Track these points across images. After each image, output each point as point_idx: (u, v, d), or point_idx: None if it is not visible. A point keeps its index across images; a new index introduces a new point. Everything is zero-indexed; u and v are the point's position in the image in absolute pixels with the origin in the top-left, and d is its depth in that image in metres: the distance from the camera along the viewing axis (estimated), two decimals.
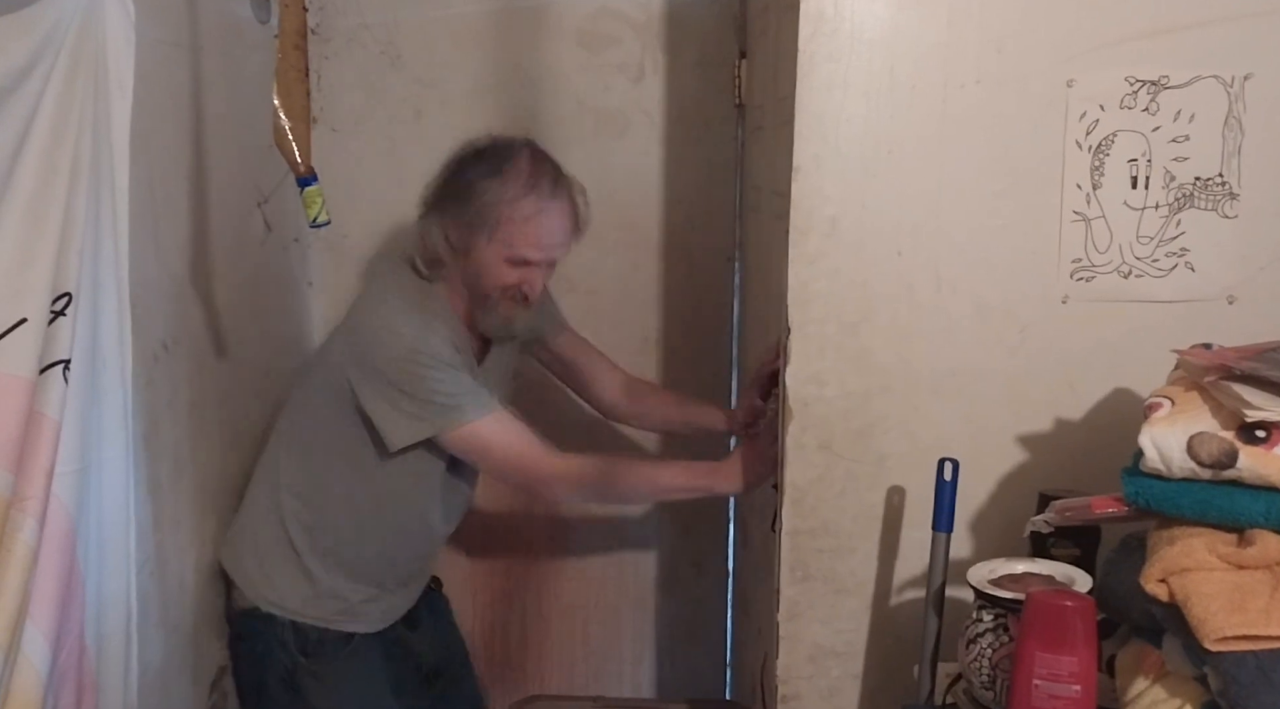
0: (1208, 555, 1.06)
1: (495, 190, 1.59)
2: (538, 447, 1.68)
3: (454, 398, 1.62)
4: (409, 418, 1.62)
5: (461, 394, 1.63)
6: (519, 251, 1.61)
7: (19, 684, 1.18)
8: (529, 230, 1.60)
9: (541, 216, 1.61)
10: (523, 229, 1.60)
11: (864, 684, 1.56)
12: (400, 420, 1.62)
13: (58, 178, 1.24)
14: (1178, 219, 1.42)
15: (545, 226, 1.62)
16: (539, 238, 1.62)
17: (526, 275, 1.64)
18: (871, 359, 1.48)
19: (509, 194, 1.59)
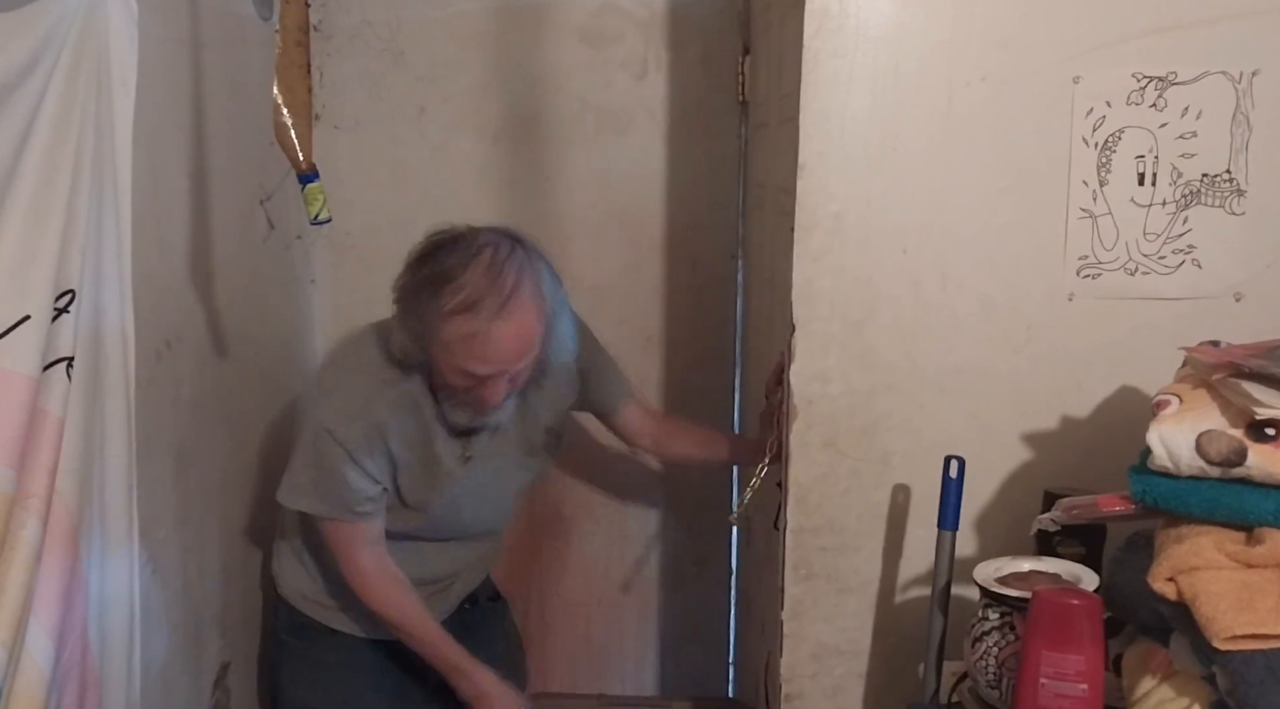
0: (1216, 554, 1.05)
1: (437, 303, 1.48)
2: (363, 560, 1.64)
3: (322, 489, 1.59)
4: (293, 480, 1.62)
5: (334, 489, 1.59)
6: (464, 366, 1.50)
7: (23, 682, 1.18)
8: (473, 348, 1.48)
9: (481, 337, 1.47)
10: (466, 346, 1.48)
11: (868, 683, 1.55)
12: (289, 479, 1.62)
13: (60, 176, 1.23)
14: (1185, 216, 1.41)
15: (489, 347, 1.48)
16: (484, 356, 1.49)
17: (481, 385, 1.53)
18: (876, 356, 1.48)
19: (448, 308, 1.47)
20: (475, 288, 1.47)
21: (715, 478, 2.29)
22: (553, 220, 2.19)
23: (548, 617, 2.31)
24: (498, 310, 1.47)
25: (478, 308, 1.46)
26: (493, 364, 1.50)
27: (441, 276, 1.48)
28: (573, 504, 2.29)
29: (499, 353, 1.49)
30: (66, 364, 1.23)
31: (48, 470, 1.20)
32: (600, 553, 2.31)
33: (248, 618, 1.88)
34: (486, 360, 1.49)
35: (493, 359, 1.50)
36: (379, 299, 2.20)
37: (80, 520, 1.29)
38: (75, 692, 1.29)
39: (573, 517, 2.29)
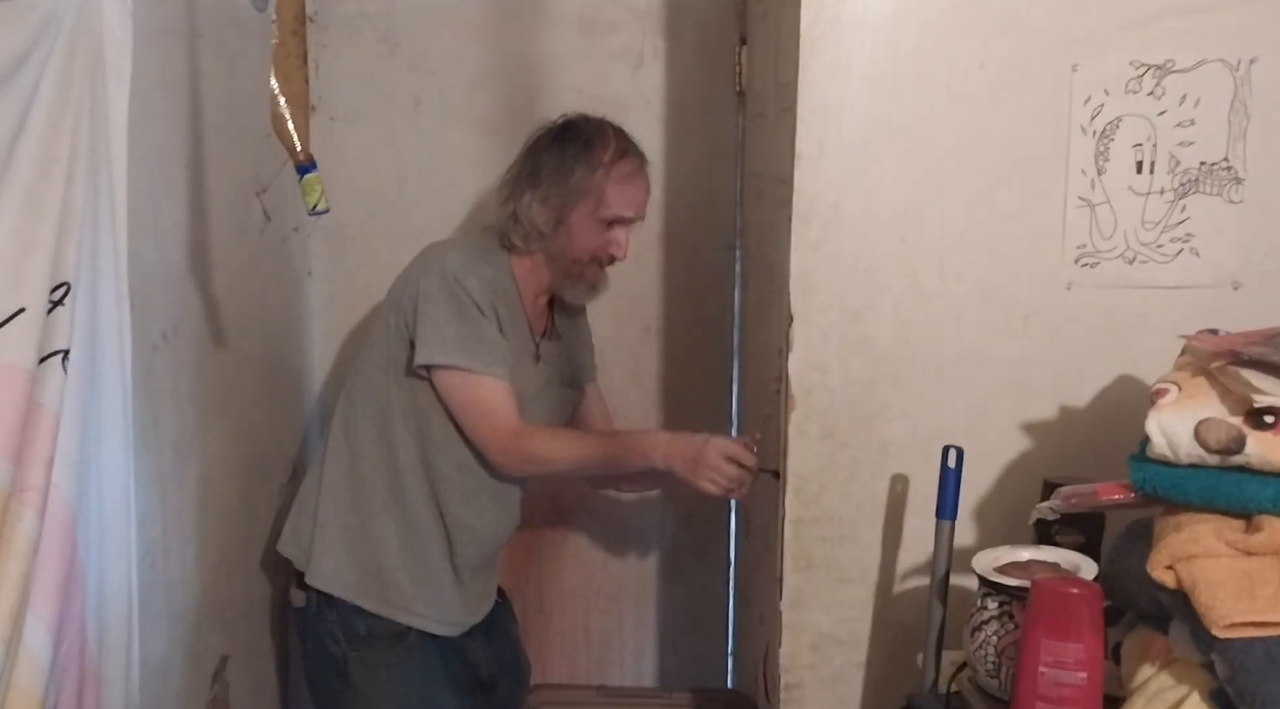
0: (1215, 542, 1.05)
1: (594, 157, 1.72)
2: (512, 419, 1.73)
3: (464, 340, 1.69)
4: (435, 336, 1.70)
5: (472, 340, 1.69)
6: (615, 211, 1.73)
7: (21, 676, 1.17)
8: (626, 190, 1.74)
9: (635, 177, 1.75)
10: (620, 188, 1.73)
11: (867, 673, 1.56)
12: (431, 336, 1.70)
13: (56, 166, 1.23)
14: (1183, 204, 1.41)
15: (638, 186, 1.76)
16: (634, 196, 1.75)
17: (615, 237, 1.76)
18: (875, 347, 1.48)
19: (607, 158, 1.73)
20: (621, 140, 1.76)
21: None
22: None
23: (546, 609, 2.31)
24: (641, 158, 1.78)
25: (630, 155, 1.75)
26: (638, 206, 1.76)
27: (591, 139, 1.74)
28: (570, 497, 2.28)
29: (642, 192, 1.77)
30: (62, 356, 1.22)
31: (45, 463, 1.19)
32: (598, 546, 2.31)
33: (247, 611, 1.88)
34: (637, 201, 1.76)
35: (640, 200, 1.76)
36: (376, 291, 2.20)
37: (78, 513, 1.29)
38: (74, 686, 1.28)
39: (570, 510, 2.29)
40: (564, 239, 1.76)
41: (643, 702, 2.10)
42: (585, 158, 1.73)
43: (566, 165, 1.73)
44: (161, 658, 1.54)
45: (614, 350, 2.24)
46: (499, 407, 1.71)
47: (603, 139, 1.75)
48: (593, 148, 1.74)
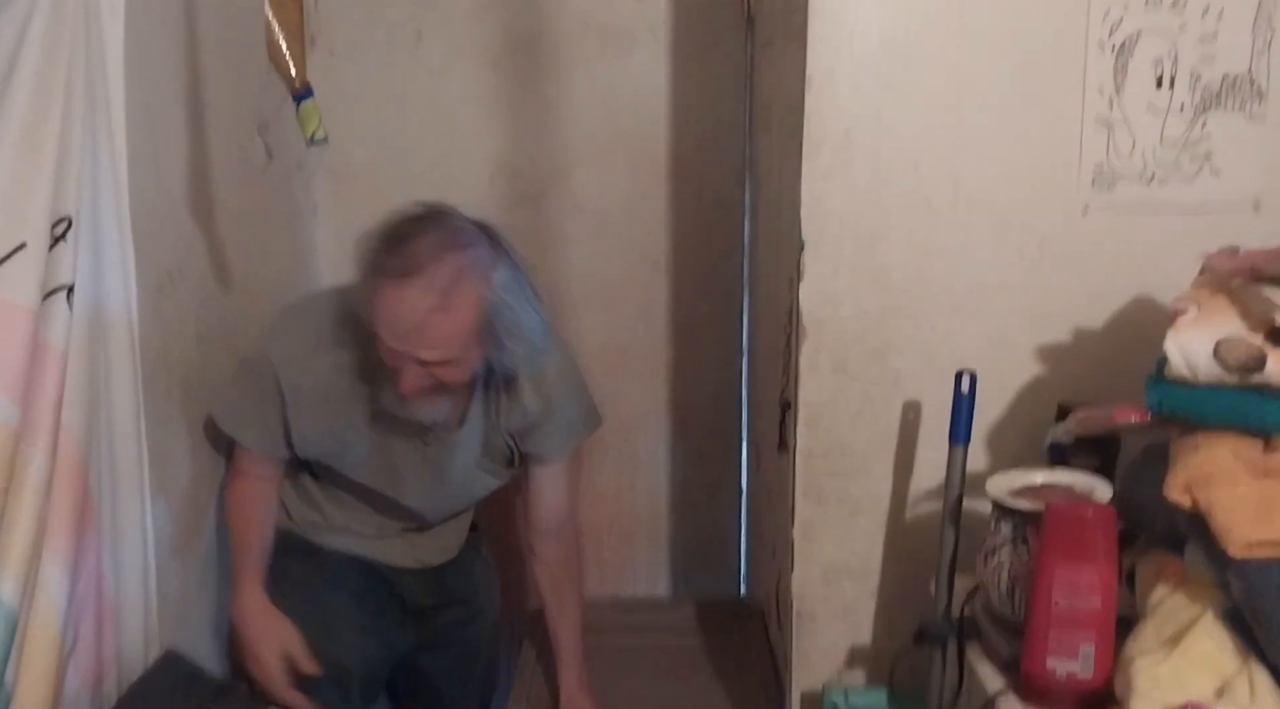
0: (1233, 462, 1.04)
1: (379, 263, 1.42)
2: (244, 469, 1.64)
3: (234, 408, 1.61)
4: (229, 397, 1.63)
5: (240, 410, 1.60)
6: (379, 329, 1.42)
7: (38, 616, 1.18)
8: (389, 315, 1.40)
9: (404, 308, 1.39)
10: (385, 310, 1.40)
11: (879, 601, 1.56)
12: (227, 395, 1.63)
13: (52, 101, 1.21)
14: (1203, 121, 1.38)
15: (402, 320, 1.39)
16: (395, 327, 1.40)
17: (394, 363, 1.44)
18: (888, 276, 1.46)
19: (386, 271, 1.40)
20: (415, 258, 1.39)
21: (725, 405, 2.28)
22: (556, 146, 2.16)
23: None
24: (429, 288, 1.38)
25: (407, 279, 1.38)
26: (400, 340, 1.40)
27: (396, 239, 1.42)
28: None
29: (411, 333, 1.39)
30: (66, 292, 1.22)
31: (52, 403, 1.19)
32: (610, 481, 2.31)
33: None
34: (399, 336, 1.40)
35: (404, 336, 1.39)
36: None
37: (89, 453, 1.29)
38: (92, 623, 1.30)
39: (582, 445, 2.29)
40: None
41: (654, 613, 2.12)
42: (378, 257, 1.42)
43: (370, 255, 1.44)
44: (179, 593, 1.55)
45: (623, 287, 2.22)
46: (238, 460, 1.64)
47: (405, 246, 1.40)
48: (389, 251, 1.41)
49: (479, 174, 2.16)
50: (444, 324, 1.40)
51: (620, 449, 2.30)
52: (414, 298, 1.38)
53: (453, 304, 1.39)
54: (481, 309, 1.41)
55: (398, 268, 1.39)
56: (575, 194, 2.17)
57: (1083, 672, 1.11)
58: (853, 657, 1.58)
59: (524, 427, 1.63)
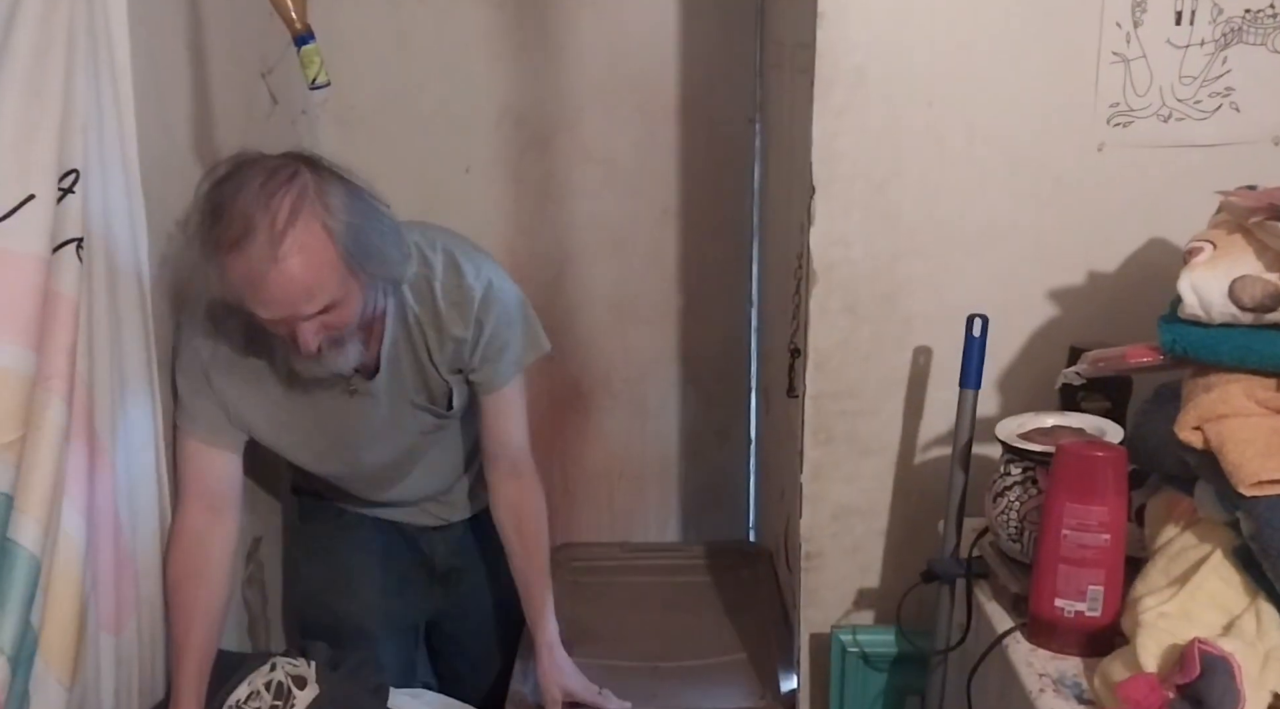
0: (1245, 401, 1.04)
1: (208, 241, 1.31)
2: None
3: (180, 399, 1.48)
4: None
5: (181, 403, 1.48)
6: (250, 310, 1.33)
7: (61, 558, 1.20)
8: (248, 290, 1.30)
9: (256, 277, 1.29)
10: (243, 288, 1.30)
11: (888, 540, 1.57)
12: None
13: (54, 50, 1.20)
14: (1224, 56, 1.35)
15: (265, 289, 1.29)
16: (263, 299, 1.30)
17: (285, 331, 1.35)
18: (899, 217, 1.44)
19: (217, 248, 1.30)
20: (244, 220, 1.26)
21: (734, 351, 2.28)
22: (563, 89, 2.13)
23: (571, 489, 2.34)
24: (269, 241, 1.25)
25: (247, 243, 1.26)
26: (277, 308, 1.30)
27: (214, 207, 1.29)
28: (591, 379, 2.29)
29: (279, 295, 1.28)
30: (76, 245, 1.22)
31: (66, 351, 1.20)
32: (620, 426, 2.32)
33: (275, 493, 1.91)
34: (269, 304, 1.29)
35: (275, 301, 1.29)
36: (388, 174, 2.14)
37: (102, 401, 1.30)
38: (110, 566, 1.32)
39: (591, 391, 2.30)
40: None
41: (664, 555, 2.15)
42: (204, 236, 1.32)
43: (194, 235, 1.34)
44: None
45: (631, 232, 2.21)
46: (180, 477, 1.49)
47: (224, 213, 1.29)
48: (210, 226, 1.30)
49: (485, 119, 2.14)
50: (302, 270, 1.28)
51: (630, 395, 2.31)
52: (259, 258, 1.26)
53: (301, 246, 1.27)
54: (333, 238, 1.30)
55: (229, 237, 1.26)
56: (583, 138, 2.16)
57: (1090, 611, 1.12)
58: (861, 596, 1.60)
59: (459, 357, 1.55)
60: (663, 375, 2.30)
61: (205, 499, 1.48)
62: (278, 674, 1.42)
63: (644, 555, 2.14)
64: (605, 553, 2.14)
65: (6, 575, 1.11)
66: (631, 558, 2.13)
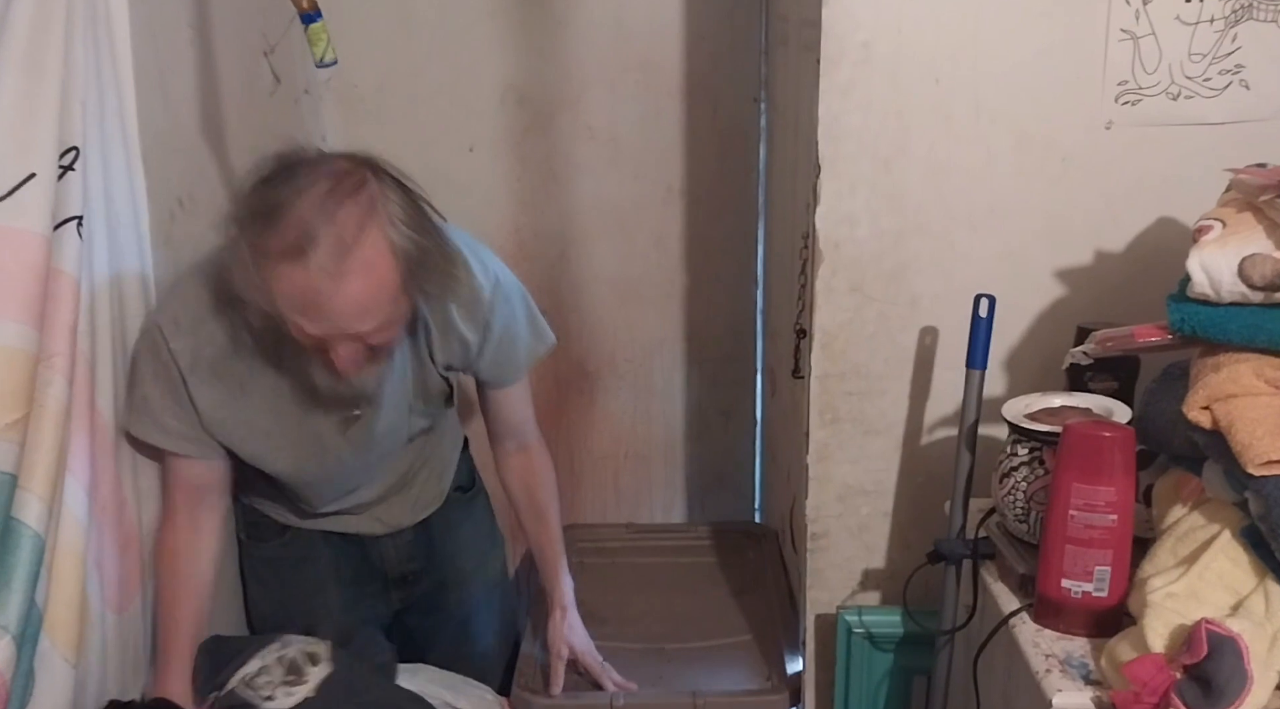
0: (1255, 380, 1.03)
1: (259, 245, 1.21)
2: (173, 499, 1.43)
3: (142, 407, 1.35)
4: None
5: (148, 407, 1.35)
6: (295, 320, 1.23)
7: (64, 536, 1.20)
8: (302, 304, 1.21)
9: (312, 293, 1.20)
10: (294, 300, 1.21)
11: (893, 521, 1.57)
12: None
13: (53, 26, 1.19)
14: (1234, 33, 1.33)
15: (322, 304, 1.20)
16: (316, 314, 1.21)
17: (322, 346, 1.26)
18: (906, 196, 1.43)
19: (272, 254, 1.20)
20: (307, 228, 1.16)
21: (740, 331, 2.28)
22: (566, 68, 2.11)
23: (576, 470, 2.34)
24: (334, 256, 1.16)
25: (308, 255, 1.16)
26: (327, 325, 1.21)
27: (269, 209, 1.18)
28: (596, 360, 2.29)
29: (334, 312, 1.20)
30: (77, 223, 1.21)
31: (68, 328, 1.20)
32: (625, 407, 2.32)
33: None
34: (320, 319, 1.21)
35: (327, 318, 1.20)
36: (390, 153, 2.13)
37: (104, 379, 1.30)
38: (114, 544, 1.32)
39: (596, 372, 2.30)
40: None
41: (669, 536, 2.15)
42: (255, 238, 1.21)
43: (241, 234, 1.24)
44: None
45: (635, 212, 2.20)
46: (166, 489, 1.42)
47: (282, 217, 1.18)
48: (264, 228, 1.20)
49: (488, 97, 2.13)
50: (363, 290, 1.19)
51: (636, 376, 2.30)
52: (321, 274, 1.16)
53: (366, 264, 1.18)
54: (397, 256, 1.21)
55: (286, 245, 1.16)
56: (586, 117, 2.14)
57: (1097, 591, 1.12)
58: (867, 577, 1.60)
59: (466, 358, 1.49)
60: (668, 356, 2.29)
61: (189, 504, 1.43)
62: (290, 651, 1.41)
63: (649, 536, 2.14)
64: (611, 534, 2.14)
65: (11, 554, 1.11)
66: (637, 539, 2.13)
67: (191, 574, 1.43)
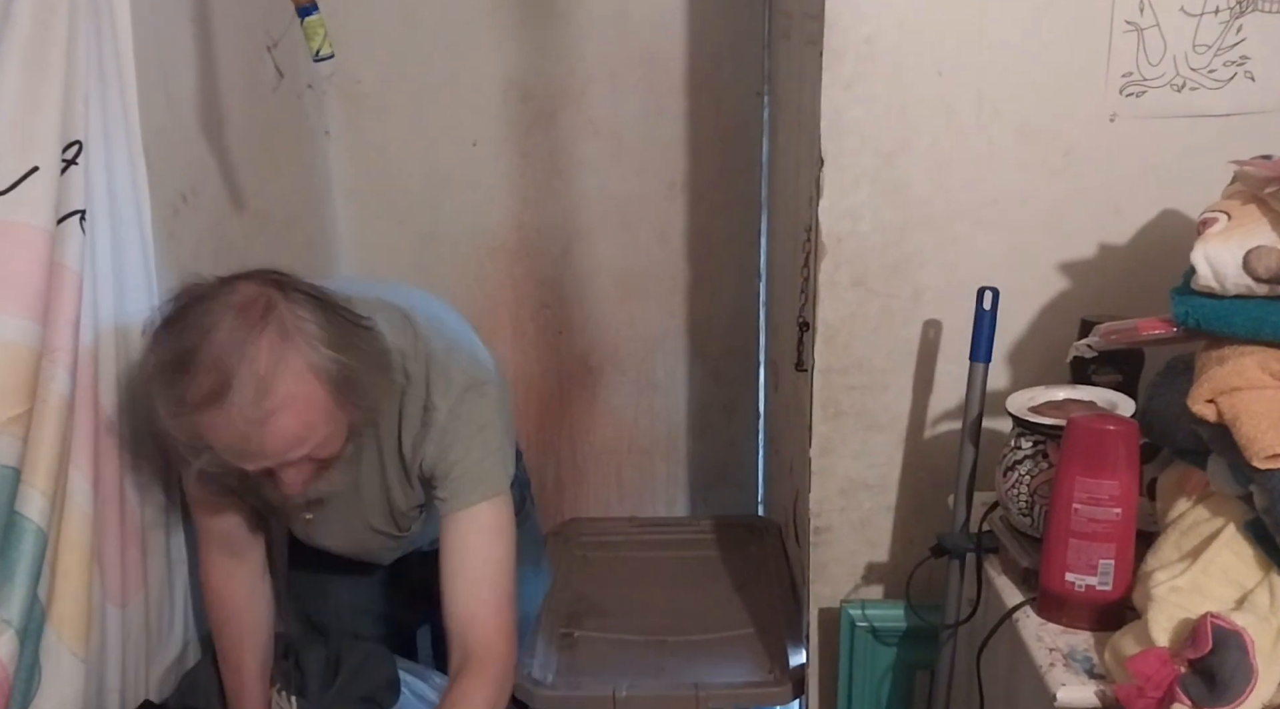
0: (1260, 374, 1.02)
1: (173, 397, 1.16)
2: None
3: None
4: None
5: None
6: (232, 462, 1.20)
7: (71, 528, 1.21)
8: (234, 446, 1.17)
9: (240, 435, 1.15)
10: (226, 445, 1.17)
11: (896, 515, 1.57)
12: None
13: (55, 20, 1.18)
14: (1239, 24, 1.33)
15: (251, 443, 1.15)
16: (249, 453, 1.17)
17: (266, 477, 1.23)
18: (909, 190, 1.43)
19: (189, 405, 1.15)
20: (219, 372, 1.11)
21: (742, 325, 2.27)
22: (569, 63, 2.11)
23: (580, 464, 2.34)
24: (252, 394, 1.11)
25: (227, 399, 1.11)
26: (263, 461, 1.17)
27: (179, 359, 1.13)
28: (599, 354, 2.29)
29: (267, 450, 1.15)
30: (80, 217, 1.21)
31: (71, 323, 1.20)
32: (628, 401, 2.32)
33: None
34: (255, 458, 1.16)
35: (262, 455, 1.16)
36: (395, 149, 2.17)
37: (107, 374, 1.30)
38: (116, 538, 1.32)
39: (600, 367, 2.30)
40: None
41: (672, 529, 2.15)
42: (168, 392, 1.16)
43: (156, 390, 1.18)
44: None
45: (638, 207, 2.20)
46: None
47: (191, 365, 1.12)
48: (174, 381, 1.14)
49: (491, 93, 2.13)
50: (294, 423, 1.15)
51: (638, 370, 2.30)
52: (243, 419, 1.11)
53: (290, 398, 1.13)
54: (321, 380, 1.16)
55: (203, 394, 1.11)
56: (589, 112, 2.14)
57: (1101, 585, 1.11)
58: (870, 571, 1.60)
59: (433, 463, 1.32)
60: (671, 350, 2.29)
61: (220, 541, 1.43)
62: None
63: (652, 530, 2.15)
64: (614, 528, 2.15)
65: (14, 548, 1.11)
66: (640, 532, 2.13)
67: (243, 634, 1.44)
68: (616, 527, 2.15)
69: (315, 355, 1.15)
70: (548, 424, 2.30)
